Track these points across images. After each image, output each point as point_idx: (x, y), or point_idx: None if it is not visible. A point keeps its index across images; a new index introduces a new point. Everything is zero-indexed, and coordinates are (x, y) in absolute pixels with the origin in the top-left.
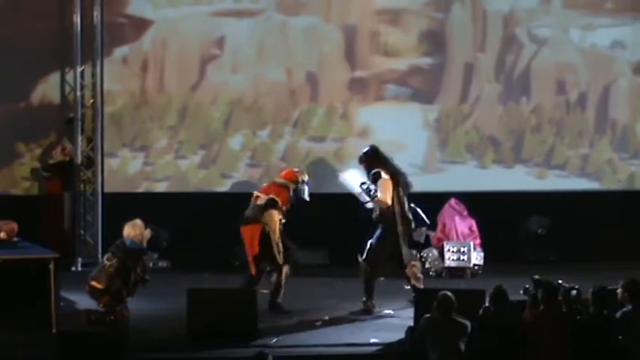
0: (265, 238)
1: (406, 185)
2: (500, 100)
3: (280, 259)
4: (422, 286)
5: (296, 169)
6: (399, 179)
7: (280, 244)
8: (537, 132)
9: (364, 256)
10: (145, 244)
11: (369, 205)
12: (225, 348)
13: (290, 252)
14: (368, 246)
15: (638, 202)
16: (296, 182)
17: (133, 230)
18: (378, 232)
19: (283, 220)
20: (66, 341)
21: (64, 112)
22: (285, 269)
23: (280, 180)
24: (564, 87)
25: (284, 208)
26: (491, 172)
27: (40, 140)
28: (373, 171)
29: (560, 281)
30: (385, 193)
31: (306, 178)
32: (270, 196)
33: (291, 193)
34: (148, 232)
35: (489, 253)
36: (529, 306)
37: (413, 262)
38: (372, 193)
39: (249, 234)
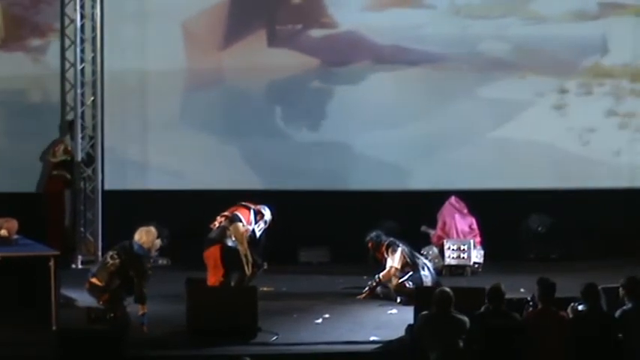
0: (227, 254)
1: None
2: None
3: (249, 270)
4: None
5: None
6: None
7: (249, 254)
8: None
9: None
10: (152, 253)
11: None
12: (225, 345)
13: (258, 267)
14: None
15: (638, 199)
16: (257, 211)
17: (146, 236)
18: None
19: (249, 231)
20: (66, 339)
21: (65, 110)
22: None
23: (243, 203)
24: None
25: (248, 227)
26: (492, 168)
27: (42, 138)
28: None
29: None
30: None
31: (267, 216)
32: (234, 213)
33: (252, 216)
34: (158, 242)
35: (490, 251)
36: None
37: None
38: None
39: (211, 258)
